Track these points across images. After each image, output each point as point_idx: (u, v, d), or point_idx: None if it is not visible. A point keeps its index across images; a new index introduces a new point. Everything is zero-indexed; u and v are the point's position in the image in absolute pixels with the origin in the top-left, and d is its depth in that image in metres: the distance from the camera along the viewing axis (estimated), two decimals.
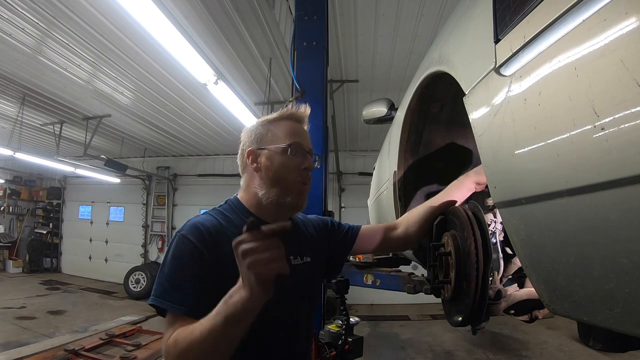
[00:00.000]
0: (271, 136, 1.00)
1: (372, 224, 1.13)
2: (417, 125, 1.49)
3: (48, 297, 7.12)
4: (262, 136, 1.01)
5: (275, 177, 0.97)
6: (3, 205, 9.57)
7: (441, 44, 1.16)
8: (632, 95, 0.40)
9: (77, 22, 3.60)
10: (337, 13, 3.70)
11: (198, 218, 0.94)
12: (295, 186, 0.97)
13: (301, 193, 0.98)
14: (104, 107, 5.80)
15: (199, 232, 0.88)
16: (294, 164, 0.97)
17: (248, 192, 1.01)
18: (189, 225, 0.91)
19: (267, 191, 0.96)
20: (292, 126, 1.02)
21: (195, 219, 0.93)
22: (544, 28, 0.54)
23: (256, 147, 1.00)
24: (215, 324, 0.71)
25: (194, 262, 0.85)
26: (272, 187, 0.96)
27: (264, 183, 0.97)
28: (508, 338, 5.27)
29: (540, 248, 0.63)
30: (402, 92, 2.18)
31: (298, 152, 0.98)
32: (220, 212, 0.99)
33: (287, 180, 0.97)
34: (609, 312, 0.50)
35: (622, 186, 0.42)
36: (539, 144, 0.57)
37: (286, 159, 0.97)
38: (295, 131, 1.01)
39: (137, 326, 5.17)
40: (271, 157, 0.98)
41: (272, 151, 0.98)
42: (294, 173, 0.97)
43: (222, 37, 3.89)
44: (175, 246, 0.88)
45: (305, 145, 1.01)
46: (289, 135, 0.99)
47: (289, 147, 0.97)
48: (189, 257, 0.86)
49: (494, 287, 0.96)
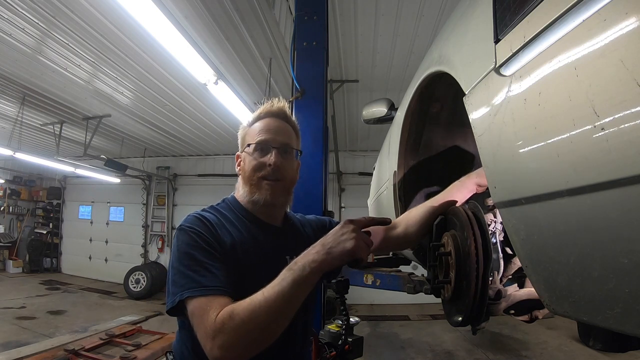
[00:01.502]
0: (248, 139, 1.05)
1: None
2: (417, 125, 1.49)
3: (48, 297, 7.12)
4: (243, 140, 1.08)
5: (245, 177, 1.03)
6: (3, 205, 9.58)
7: (441, 44, 1.16)
8: (632, 95, 0.40)
9: (77, 22, 3.60)
10: (337, 13, 3.70)
11: (197, 212, 0.97)
12: (257, 182, 1.01)
13: (265, 188, 1.01)
14: (104, 107, 5.80)
15: (201, 222, 0.92)
16: (256, 161, 1.01)
17: (239, 191, 1.08)
18: (190, 218, 0.94)
19: (243, 191, 1.03)
20: (263, 124, 1.05)
21: (194, 213, 0.96)
22: (544, 28, 0.54)
23: (240, 151, 1.08)
24: (283, 288, 0.76)
25: (208, 245, 0.88)
26: (244, 186, 1.03)
27: (242, 184, 1.05)
28: (508, 338, 5.27)
29: (540, 248, 0.62)
30: (402, 92, 2.18)
31: (261, 149, 1.02)
32: (217, 209, 1.02)
33: (251, 178, 1.01)
34: (609, 312, 0.50)
35: (622, 186, 0.42)
36: (539, 144, 0.57)
37: (251, 157, 1.02)
38: (264, 128, 1.04)
39: (137, 326, 5.16)
40: (245, 158, 1.05)
41: (245, 153, 1.04)
42: (255, 170, 1.01)
43: (222, 37, 3.89)
44: (183, 238, 0.89)
45: (272, 141, 1.02)
46: (256, 134, 1.04)
47: (254, 145, 1.02)
48: (200, 242, 0.88)
49: (494, 287, 0.96)
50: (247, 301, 0.77)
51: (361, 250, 0.80)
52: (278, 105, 1.07)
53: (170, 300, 0.85)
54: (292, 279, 0.76)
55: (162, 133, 7.09)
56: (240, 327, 0.74)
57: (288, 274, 0.77)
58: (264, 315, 0.75)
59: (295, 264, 0.79)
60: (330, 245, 0.80)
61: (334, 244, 0.80)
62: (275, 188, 1.01)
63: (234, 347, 0.74)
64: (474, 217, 0.92)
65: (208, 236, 0.90)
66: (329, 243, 0.81)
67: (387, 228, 1.19)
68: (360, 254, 0.81)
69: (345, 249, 0.79)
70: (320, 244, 0.82)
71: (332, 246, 0.80)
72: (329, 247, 0.80)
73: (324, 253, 0.79)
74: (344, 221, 0.85)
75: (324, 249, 0.80)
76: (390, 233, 1.18)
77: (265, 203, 1.01)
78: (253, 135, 1.04)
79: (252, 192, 1.01)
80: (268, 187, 1.01)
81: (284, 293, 0.75)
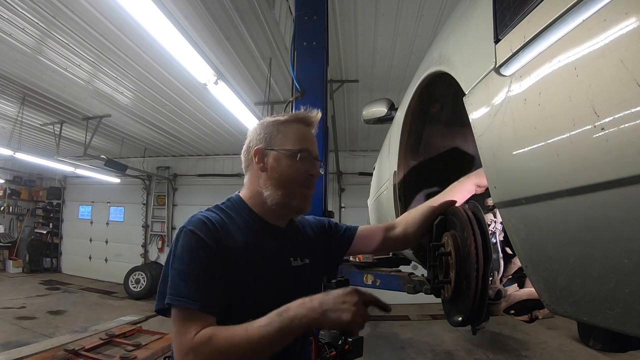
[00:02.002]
0: (281, 138, 0.99)
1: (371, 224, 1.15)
2: (417, 125, 1.49)
3: (48, 297, 7.12)
4: (272, 136, 1.00)
5: (282, 180, 0.97)
6: (3, 205, 9.57)
7: (441, 44, 1.16)
8: (632, 95, 0.40)
9: (77, 22, 3.60)
10: (337, 13, 3.70)
11: (202, 213, 0.93)
12: (299, 190, 0.98)
13: (305, 198, 1.00)
14: (104, 107, 5.80)
15: (206, 226, 0.88)
16: (301, 169, 0.98)
17: (251, 190, 1.01)
18: (195, 219, 0.90)
19: (272, 192, 0.97)
20: (303, 130, 1.02)
21: (199, 214, 0.92)
22: (544, 28, 0.54)
23: (264, 146, 0.99)
24: (268, 332, 0.75)
25: (206, 256, 0.85)
26: (277, 189, 0.97)
27: (270, 184, 0.97)
28: (508, 338, 5.27)
29: (540, 248, 0.63)
30: (402, 92, 2.18)
31: (307, 158, 0.99)
32: (223, 209, 0.98)
33: (293, 184, 0.97)
34: (609, 312, 0.50)
35: (622, 186, 0.42)
36: (539, 144, 0.57)
37: (294, 163, 0.97)
38: (306, 136, 1.01)
39: (137, 326, 5.16)
40: (279, 159, 0.98)
41: (281, 153, 0.98)
42: (299, 178, 0.98)
43: (222, 37, 3.89)
44: (184, 241, 0.86)
45: (313, 152, 1.01)
46: (299, 140, 0.99)
47: (299, 152, 0.98)
48: (200, 251, 0.85)
49: (494, 287, 0.96)
50: (228, 331, 0.77)
51: (355, 327, 0.79)
52: (317, 116, 1.05)
53: (159, 300, 0.85)
54: (279, 327, 0.76)
55: (162, 133, 7.08)
56: (215, 354, 0.75)
57: (276, 320, 0.76)
58: (242, 352, 0.75)
59: (286, 311, 0.78)
60: (327, 308, 0.78)
61: (331, 309, 0.78)
62: (310, 198, 1.02)
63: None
64: (474, 217, 0.92)
65: (211, 243, 0.86)
66: (327, 305, 0.78)
67: (386, 228, 1.19)
68: (352, 329, 0.79)
69: (340, 319, 0.77)
70: (318, 301, 0.79)
71: (329, 309, 0.78)
72: (326, 309, 0.78)
73: (319, 312, 0.77)
74: (351, 289, 0.82)
75: (320, 308, 0.78)
76: (390, 233, 1.18)
77: (302, 210, 1.01)
78: (295, 139, 0.99)
79: (287, 197, 0.97)
80: (308, 197, 1.01)
81: (267, 337, 0.75)
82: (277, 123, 1.02)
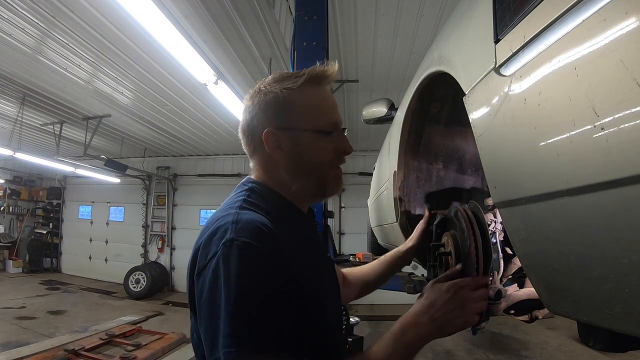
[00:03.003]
0: (297, 111, 0.74)
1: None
2: (417, 125, 1.49)
3: (48, 297, 7.12)
4: (284, 110, 0.74)
5: (308, 166, 0.75)
6: (3, 205, 9.57)
7: (441, 44, 1.16)
8: (632, 95, 0.40)
9: (77, 22, 3.60)
10: (337, 13, 3.70)
11: (249, 216, 0.66)
12: (332, 173, 0.78)
13: (339, 178, 0.80)
14: (104, 107, 5.80)
15: (267, 237, 0.63)
16: (329, 148, 0.76)
17: (272, 177, 0.77)
18: (248, 227, 0.62)
19: (302, 183, 0.76)
20: (322, 95, 0.77)
21: (247, 217, 0.65)
22: (544, 28, 0.54)
23: (276, 126, 0.74)
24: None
25: (279, 283, 0.61)
26: (309, 177, 0.76)
27: (294, 173, 0.75)
28: (508, 338, 5.27)
29: (540, 248, 0.63)
30: (402, 92, 2.18)
31: (333, 131, 0.76)
32: (258, 205, 0.71)
33: (322, 168, 0.76)
34: (609, 312, 0.49)
35: (622, 186, 0.42)
36: (539, 144, 0.57)
37: (320, 142, 0.75)
38: (327, 102, 0.78)
39: (137, 326, 5.17)
40: (300, 140, 0.74)
41: (302, 134, 0.74)
42: (329, 158, 0.77)
43: (222, 37, 3.89)
44: (242, 261, 0.59)
45: (339, 122, 0.78)
46: (326, 111, 0.77)
47: (326, 130, 0.75)
48: (269, 278, 0.60)
49: (494, 287, 0.96)
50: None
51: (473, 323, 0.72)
52: (335, 70, 0.78)
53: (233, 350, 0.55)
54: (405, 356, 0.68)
55: (162, 133, 7.08)
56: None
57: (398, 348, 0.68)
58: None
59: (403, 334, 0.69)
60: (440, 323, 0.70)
61: (444, 321, 0.70)
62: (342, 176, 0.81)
63: None
64: (474, 217, 0.92)
65: (277, 260, 0.62)
66: (438, 318, 0.70)
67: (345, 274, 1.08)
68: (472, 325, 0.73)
69: (456, 327, 0.71)
70: (428, 317, 0.71)
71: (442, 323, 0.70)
72: (440, 323, 0.70)
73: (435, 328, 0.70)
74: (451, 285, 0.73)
75: (433, 324, 0.70)
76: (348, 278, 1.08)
77: (332, 195, 0.81)
78: (316, 109, 0.76)
79: (320, 186, 0.77)
80: (341, 176, 0.80)
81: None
82: (287, 92, 0.74)
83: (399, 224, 1.61)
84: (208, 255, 0.61)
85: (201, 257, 0.63)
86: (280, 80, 0.77)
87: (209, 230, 0.65)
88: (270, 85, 0.76)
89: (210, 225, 0.67)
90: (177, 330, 4.92)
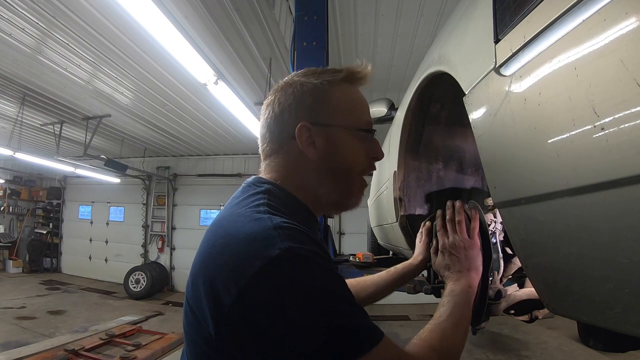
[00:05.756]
0: (338, 106, 0.68)
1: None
2: (417, 125, 1.49)
3: (48, 297, 7.12)
4: (324, 103, 0.67)
5: (340, 169, 0.68)
6: (3, 205, 9.57)
7: (441, 44, 1.16)
8: (632, 95, 0.40)
9: (77, 22, 3.60)
10: (337, 13, 3.70)
11: (294, 225, 0.56)
12: (359, 182, 0.72)
13: (362, 190, 0.73)
14: (104, 107, 5.80)
15: (316, 242, 0.56)
16: (363, 152, 0.70)
17: (293, 180, 0.67)
18: (297, 234, 0.54)
19: (327, 189, 0.68)
20: (360, 95, 0.72)
21: (294, 229, 0.55)
22: (544, 28, 0.54)
23: (312, 120, 0.66)
24: (464, 313, 0.75)
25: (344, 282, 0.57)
26: (337, 183, 0.68)
27: (325, 176, 0.68)
28: (508, 338, 5.27)
29: (540, 248, 0.63)
30: (402, 92, 2.18)
31: (370, 136, 0.71)
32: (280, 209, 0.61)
33: (353, 174, 0.70)
34: (609, 312, 0.50)
35: (622, 186, 0.42)
36: (538, 144, 0.57)
37: (356, 144, 0.69)
38: (366, 103, 0.73)
39: (137, 326, 5.17)
40: (335, 139, 0.67)
41: (340, 132, 0.68)
42: (363, 164, 0.70)
43: (222, 37, 3.89)
44: (310, 269, 0.52)
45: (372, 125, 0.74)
46: (364, 110, 0.72)
47: (369, 131, 0.70)
48: (334, 271, 0.56)
49: (494, 287, 0.96)
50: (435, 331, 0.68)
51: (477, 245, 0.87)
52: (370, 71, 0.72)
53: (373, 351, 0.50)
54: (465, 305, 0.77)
55: (162, 133, 7.09)
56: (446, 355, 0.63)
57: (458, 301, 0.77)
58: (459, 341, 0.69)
59: (457, 286, 0.80)
60: (470, 268, 0.84)
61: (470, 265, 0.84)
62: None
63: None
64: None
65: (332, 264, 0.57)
66: (466, 265, 0.84)
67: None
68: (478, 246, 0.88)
69: (479, 270, 0.84)
70: (461, 268, 0.84)
71: (471, 267, 0.84)
72: (471, 271, 0.83)
73: (471, 275, 0.83)
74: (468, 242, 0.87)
75: (469, 272, 0.83)
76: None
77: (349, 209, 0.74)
78: (353, 108, 0.70)
79: (346, 194, 0.70)
80: (363, 192, 0.74)
81: (466, 317, 0.76)
82: (328, 85, 0.68)
83: (398, 224, 1.61)
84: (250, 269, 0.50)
85: (237, 272, 0.50)
86: (315, 73, 0.70)
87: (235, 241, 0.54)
88: (306, 77, 0.69)
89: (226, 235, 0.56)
90: (177, 330, 4.92)
